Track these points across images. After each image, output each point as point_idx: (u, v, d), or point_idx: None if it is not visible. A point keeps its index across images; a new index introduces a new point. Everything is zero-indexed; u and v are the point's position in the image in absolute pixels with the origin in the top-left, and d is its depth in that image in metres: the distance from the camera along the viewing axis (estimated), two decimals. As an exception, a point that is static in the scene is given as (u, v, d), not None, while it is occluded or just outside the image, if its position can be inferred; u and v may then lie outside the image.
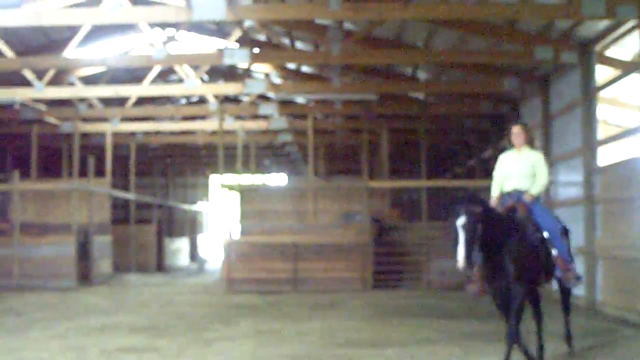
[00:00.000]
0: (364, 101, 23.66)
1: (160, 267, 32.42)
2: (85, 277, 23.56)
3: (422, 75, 23.21)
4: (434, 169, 33.03)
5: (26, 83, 21.64)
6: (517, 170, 10.17)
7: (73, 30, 19.86)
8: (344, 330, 13.14)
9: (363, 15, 14.66)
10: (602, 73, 16.72)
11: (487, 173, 26.63)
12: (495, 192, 10.29)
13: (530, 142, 10.23)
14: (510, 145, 10.40)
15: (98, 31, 21.58)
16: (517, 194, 10.08)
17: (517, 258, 9.28)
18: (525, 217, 9.80)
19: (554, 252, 9.77)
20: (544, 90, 19.73)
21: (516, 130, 10.25)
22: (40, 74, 21.20)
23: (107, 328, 13.71)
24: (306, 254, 21.76)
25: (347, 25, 19.38)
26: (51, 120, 26.45)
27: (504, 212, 9.82)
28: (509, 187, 10.20)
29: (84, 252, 23.82)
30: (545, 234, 9.78)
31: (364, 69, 23.19)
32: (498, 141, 24.53)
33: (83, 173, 26.31)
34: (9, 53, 19.26)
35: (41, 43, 22.79)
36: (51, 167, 34.64)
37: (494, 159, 24.61)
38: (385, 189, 25.50)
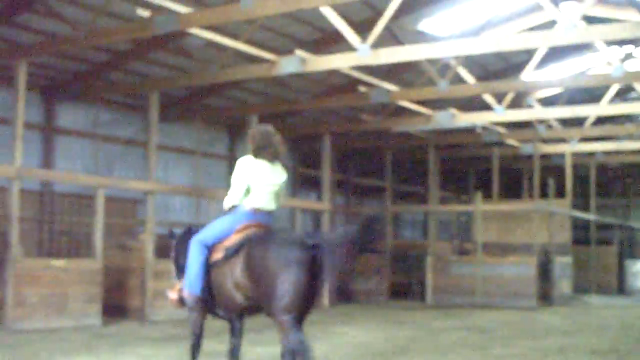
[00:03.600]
0: None
1: (622, 289, 31.61)
2: (545, 297, 23.71)
3: None
4: None
5: (486, 107, 22.41)
6: None
7: (529, 53, 20.22)
8: None
9: None
10: None
11: None
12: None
13: (256, 150, 8.34)
14: None
15: (554, 53, 21.74)
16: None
17: None
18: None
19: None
20: None
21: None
22: (499, 98, 21.84)
23: (565, 349, 13.71)
24: None
25: None
26: (511, 142, 27.10)
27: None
28: None
29: (544, 272, 24.01)
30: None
31: None
32: None
33: (543, 194, 26.56)
34: (470, 79, 20.10)
35: (500, 68, 23.50)
36: (512, 188, 35.43)
37: None
38: None
